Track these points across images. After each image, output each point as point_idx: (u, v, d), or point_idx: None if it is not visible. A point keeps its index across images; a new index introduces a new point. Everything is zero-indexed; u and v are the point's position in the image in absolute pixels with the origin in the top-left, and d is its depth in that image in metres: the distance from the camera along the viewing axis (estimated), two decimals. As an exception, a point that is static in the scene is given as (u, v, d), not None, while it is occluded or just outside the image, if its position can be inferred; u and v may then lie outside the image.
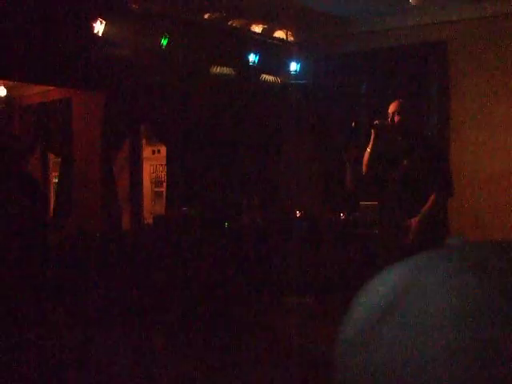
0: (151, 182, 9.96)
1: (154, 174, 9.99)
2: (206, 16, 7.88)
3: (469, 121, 7.62)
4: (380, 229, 5.48)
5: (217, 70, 8.04)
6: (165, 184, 9.04)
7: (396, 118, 5.12)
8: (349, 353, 0.57)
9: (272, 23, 8.47)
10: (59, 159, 9.60)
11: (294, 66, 8.51)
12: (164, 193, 9.02)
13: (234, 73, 8.22)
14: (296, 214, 7.72)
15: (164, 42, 7.10)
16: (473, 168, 7.53)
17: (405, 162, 5.04)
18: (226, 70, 8.13)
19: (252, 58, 8.12)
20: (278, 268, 7.33)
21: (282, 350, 5.44)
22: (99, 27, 6.61)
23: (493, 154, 7.41)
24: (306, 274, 7.19)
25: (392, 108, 5.22)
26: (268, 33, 8.65)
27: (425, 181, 4.96)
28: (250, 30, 8.44)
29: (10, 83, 9.27)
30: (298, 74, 8.55)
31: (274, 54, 8.62)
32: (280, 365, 5.03)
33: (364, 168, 5.25)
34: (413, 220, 4.85)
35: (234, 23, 8.22)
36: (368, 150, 5.20)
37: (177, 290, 6.75)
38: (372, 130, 5.18)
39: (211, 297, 6.81)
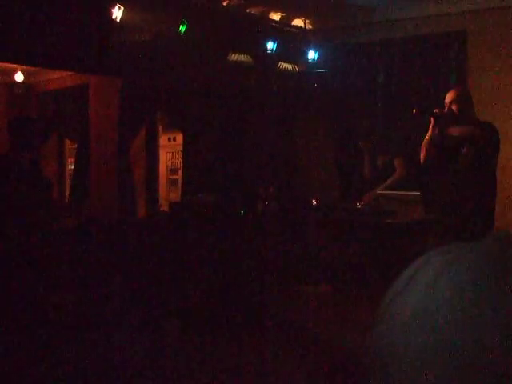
0: (167, 170, 9.97)
1: (170, 162, 9.99)
2: (225, 3, 7.85)
3: (487, 111, 7.53)
4: (432, 215, 5.53)
5: (234, 57, 8.00)
6: (180, 171, 9.04)
7: (453, 107, 5.11)
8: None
9: (290, 11, 8.42)
10: (75, 145, 9.62)
11: (312, 55, 8.46)
12: (180, 180, 9.02)
13: (251, 60, 8.19)
14: (312, 202, 7.68)
15: (182, 28, 7.07)
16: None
17: (463, 151, 5.05)
18: (243, 58, 8.09)
19: (270, 45, 8.08)
20: (294, 256, 7.30)
21: (298, 339, 5.42)
22: (117, 13, 6.58)
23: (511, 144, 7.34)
24: (322, 262, 7.17)
25: (449, 97, 5.20)
26: (286, 21, 8.60)
27: (482, 169, 4.99)
28: (268, 17, 8.39)
29: (28, 69, 9.28)
30: (315, 63, 8.50)
31: (292, 42, 8.57)
32: (296, 354, 5.02)
33: (422, 156, 5.28)
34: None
35: (252, 10, 8.17)
36: (426, 137, 5.21)
37: (191, 277, 6.75)
38: (431, 119, 5.17)
39: (226, 285, 6.80)
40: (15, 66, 9.06)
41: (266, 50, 8.09)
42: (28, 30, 6.29)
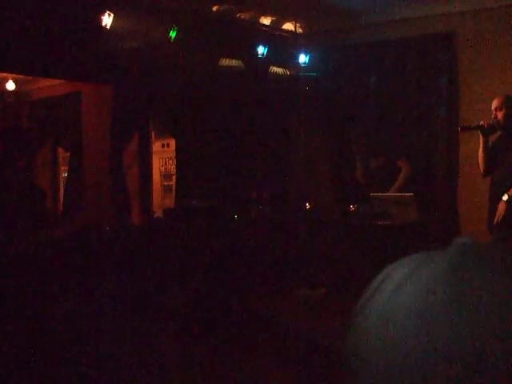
0: (161, 176, 9.95)
1: (164, 168, 9.98)
2: (215, 8, 7.86)
3: (478, 112, 7.56)
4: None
5: (226, 62, 8.02)
6: (174, 177, 9.03)
7: (499, 115, 5.11)
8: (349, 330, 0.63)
9: (281, 15, 8.44)
10: (68, 154, 9.61)
11: (302, 58, 8.48)
12: (173, 186, 9.02)
13: (242, 65, 8.20)
14: (305, 206, 7.69)
15: (173, 34, 7.08)
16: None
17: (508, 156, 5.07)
18: (234, 63, 8.10)
19: (261, 50, 8.10)
20: (288, 260, 7.31)
21: (292, 343, 5.42)
22: (107, 20, 6.59)
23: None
24: (317, 266, 7.17)
25: (494, 104, 5.22)
26: (277, 25, 8.61)
27: None
28: (258, 22, 8.41)
29: (19, 77, 9.28)
30: (306, 66, 8.52)
31: (283, 46, 8.59)
32: (290, 357, 5.02)
33: (482, 170, 5.31)
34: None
35: (242, 15, 8.19)
36: (480, 151, 5.23)
37: (186, 283, 6.74)
38: (479, 132, 5.19)
39: (220, 290, 6.79)
40: (6, 74, 9.05)
41: (257, 54, 8.11)
42: (18, 38, 6.28)
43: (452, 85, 7.87)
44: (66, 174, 9.83)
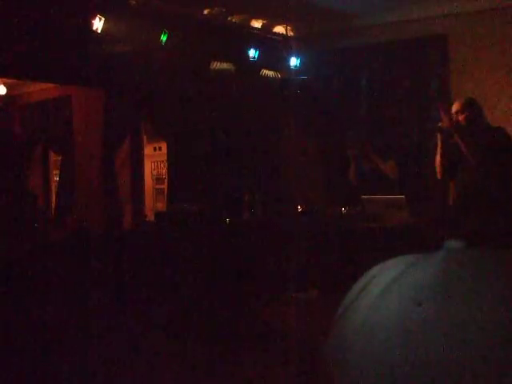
0: (152, 179, 9.92)
1: (156, 171, 9.95)
2: (206, 11, 7.86)
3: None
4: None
5: (217, 65, 8.01)
6: (166, 181, 9.02)
7: (460, 118, 5.05)
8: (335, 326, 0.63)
9: (272, 18, 8.45)
10: (60, 157, 9.59)
11: (294, 61, 8.48)
12: (165, 190, 9.00)
13: (234, 68, 8.20)
14: (298, 208, 7.69)
15: (164, 38, 7.07)
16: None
17: (476, 159, 5.00)
18: (226, 66, 8.10)
19: (252, 53, 8.09)
20: (281, 263, 7.30)
21: (284, 345, 5.42)
22: (98, 24, 6.58)
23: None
24: (309, 268, 7.17)
25: (455, 107, 5.14)
26: (268, 28, 8.62)
27: (497, 176, 4.94)
28: (249, 25, 8.42)
29: (10, 81, 9.25)
30: (298, 69, 8.52)
31: (274, 50, 8.59)
32: (282, 360, 5.01)
33: (438, 173, 5.24)
34: None
35: (233, 19, 8.20)
36: (438, 154, 5.17)
37: (178, 286, 6.73)
38: (437, 134, 5.13)
39: (213, 293, 6.78)
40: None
41: (249, 57, 8.11)
42: (9, 42, 6.27)
43: (444, 86, 7.89)
44: (57, 178, 9.80)
